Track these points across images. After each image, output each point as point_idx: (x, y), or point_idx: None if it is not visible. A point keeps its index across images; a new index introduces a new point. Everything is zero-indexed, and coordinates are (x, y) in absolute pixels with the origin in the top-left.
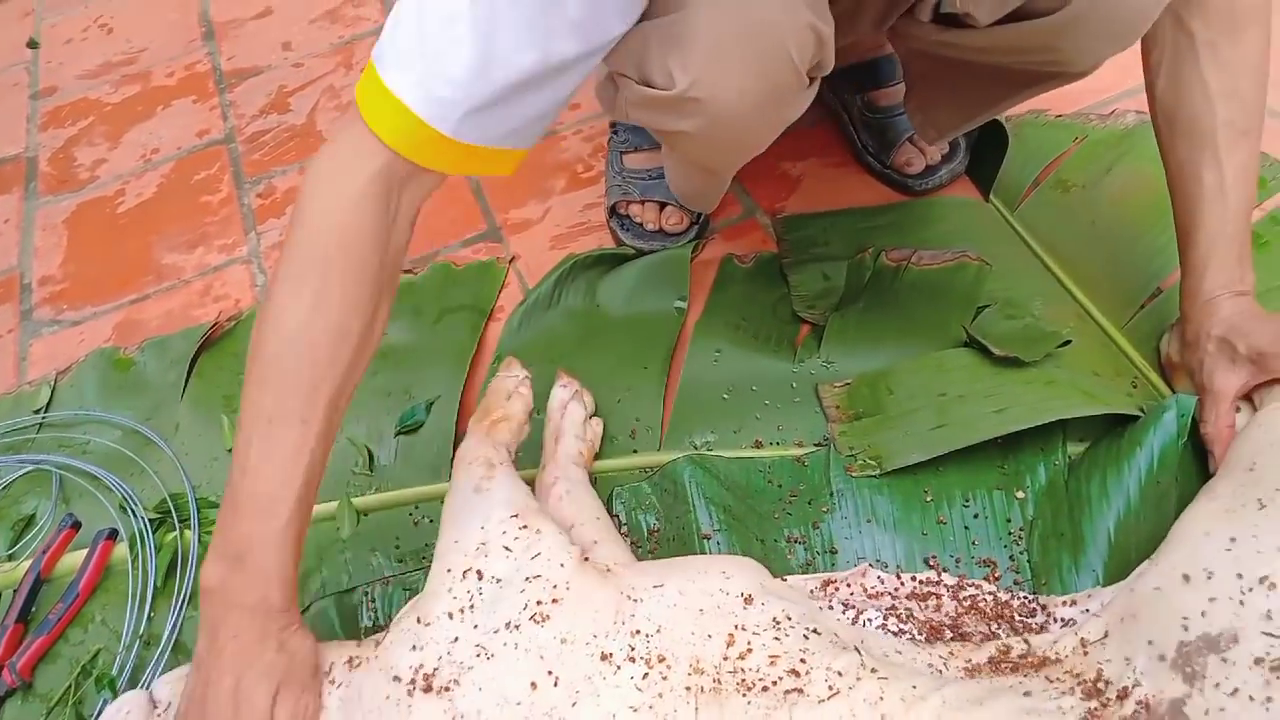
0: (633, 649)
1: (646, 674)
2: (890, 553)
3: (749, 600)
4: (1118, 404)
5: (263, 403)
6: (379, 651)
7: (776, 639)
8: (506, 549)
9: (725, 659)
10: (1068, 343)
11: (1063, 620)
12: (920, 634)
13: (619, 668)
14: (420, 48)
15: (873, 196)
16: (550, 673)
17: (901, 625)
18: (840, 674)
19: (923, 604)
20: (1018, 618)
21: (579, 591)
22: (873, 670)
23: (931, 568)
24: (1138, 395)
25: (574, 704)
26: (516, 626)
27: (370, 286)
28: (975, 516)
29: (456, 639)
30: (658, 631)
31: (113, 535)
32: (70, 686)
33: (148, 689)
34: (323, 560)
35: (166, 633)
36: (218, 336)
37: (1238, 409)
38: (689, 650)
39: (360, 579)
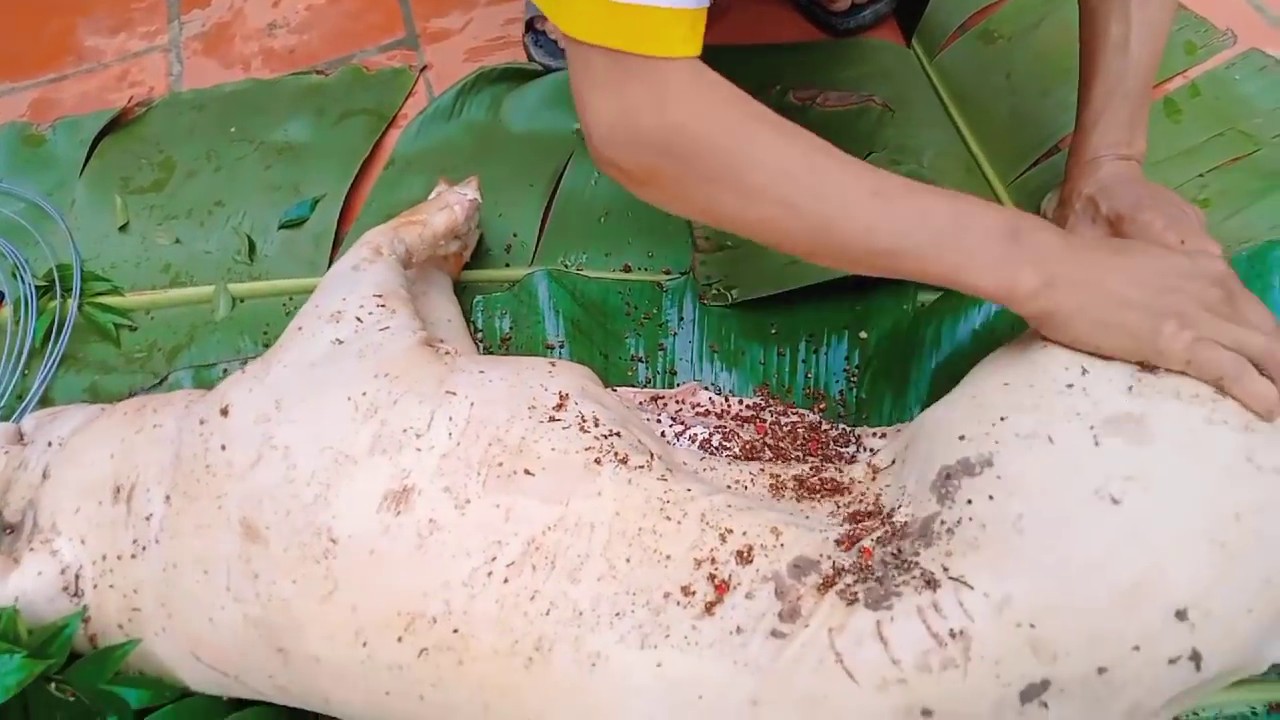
0: (450, 419)
1: (451, 434)
2: (726, 379)
3: (564, 397)
4: None
5: (859, 205)
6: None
7: (581, 433)
8: (358, 319)
9: (522, 444)
10: None
11: (870, 450)
12: (739, 453)
13: (430, 426)
14: None
15: (795, 33)
16: (376, 417)
17: (724, 444)
18: (630, 468)
19: (746, 425)
20: (832, 446)
21: (411, 363)
22: (661, 477)
23: (759, 395)
24: None
25: (384, 451)
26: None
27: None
28: (815, 352)
29: (292, 384)
30: (470, 406)
31: None
32: None
33: (17, 423)
34: (193, 338)
35: (35, 386)
36: (126, 120)
37: None
38: (491, 431)
39: (224, 358)
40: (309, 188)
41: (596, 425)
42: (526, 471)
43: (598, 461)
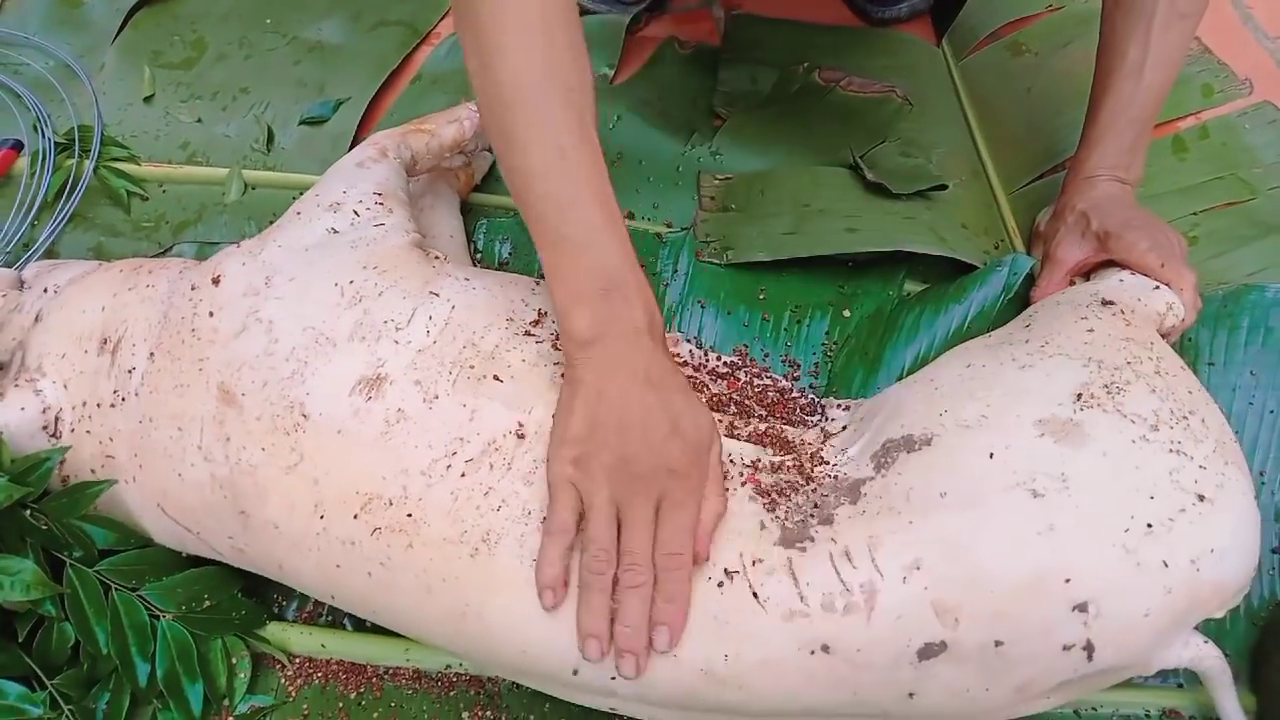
0: (430, 318)
1: (430, 332)
2: (710, 335)
3: (542, 315)
4: (963, 251)
5: (542, 140)
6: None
7: (553, 350)
8: (355, 213)
9: (495, 351)
10: (943, 187)
11: (831, 419)
12: (705, 403)
13: (410, 321)
14: None
15: (832, 15)
16: (359, 306)
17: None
18: None
19: (719, 381)
20: (798, 411)
21: (400, 260)
22: None
23: (737, 355)
24: (994, 256)
25: (363, 338)
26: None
27: (577, 26)
28: (798, 322)
29: (284, 263)
30: (451, 308)
31: (17, 146)
32: None
33: (19, 270)
34: (201, 217)
35: (43, 237)
36: None
37: (1073, 282)
38: (468, 335)
39: (228, 239)
40: (334, 89)
41: None
42: (495, 377)
43: (563, 371)
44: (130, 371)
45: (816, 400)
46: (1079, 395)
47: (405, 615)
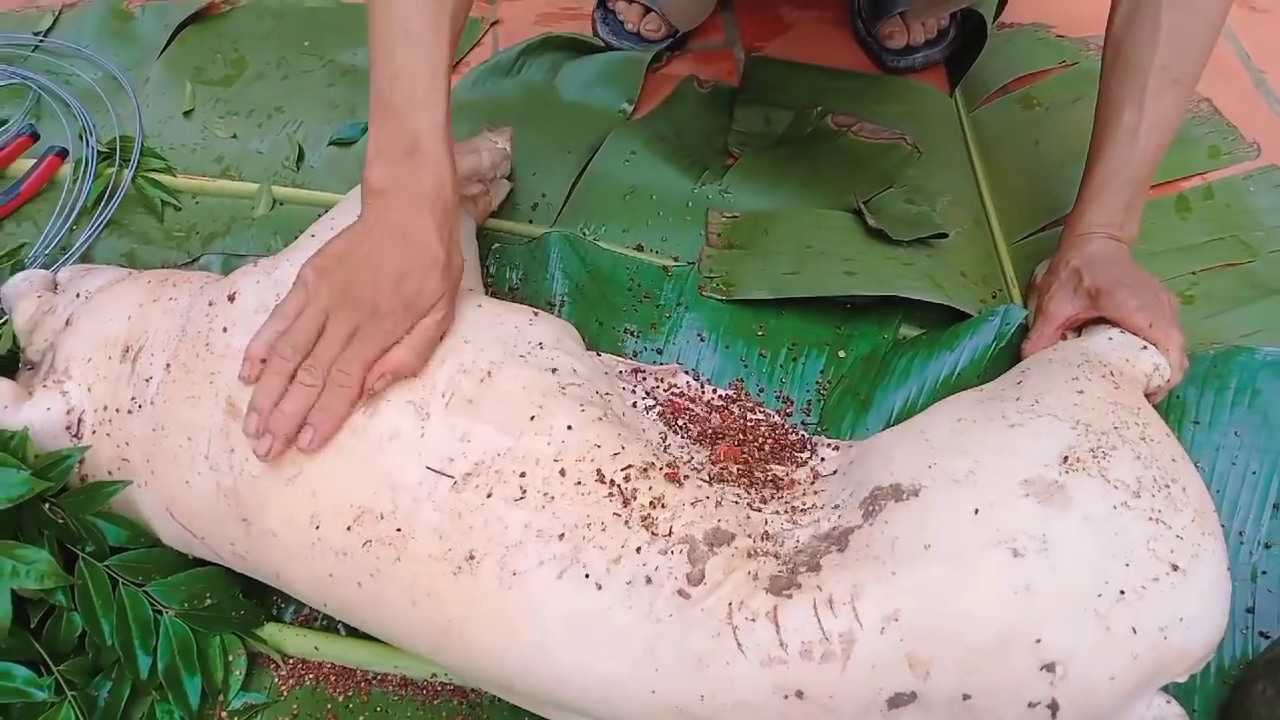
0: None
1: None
2: (708, 367)
3: (540, 345)
4: (959, 299)
5: (394, 17)
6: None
7: (547, 374)
8: None
9: (488, 375)
10: (943, 235)
11: (821, 459)
12: (698, 436)
13: None
14: None
15: (850, 61)
16: None
17: (689, 425)
18: (587, 417)
19: (714, 414)
20: (789, 450)
21: None
22: (617, 434)
23: (733, 388)
24: (991, 305)
25: None
26: None
27: None
28: (794, 360)
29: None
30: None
31: (62, 154)
32: None
33: (54, 272)
34: (230, 229)
35: (79, 243)
36: (210, 14)
37: (1064, 337)
38: (461, 358)
39: (254, 251)
40: (364, 112)
41: (562, 373)
42: (487, 400)
43: (556, 401)
44: (148, 380)
45: (808, 438)
46: (1065, 458)
47: (392, 626)
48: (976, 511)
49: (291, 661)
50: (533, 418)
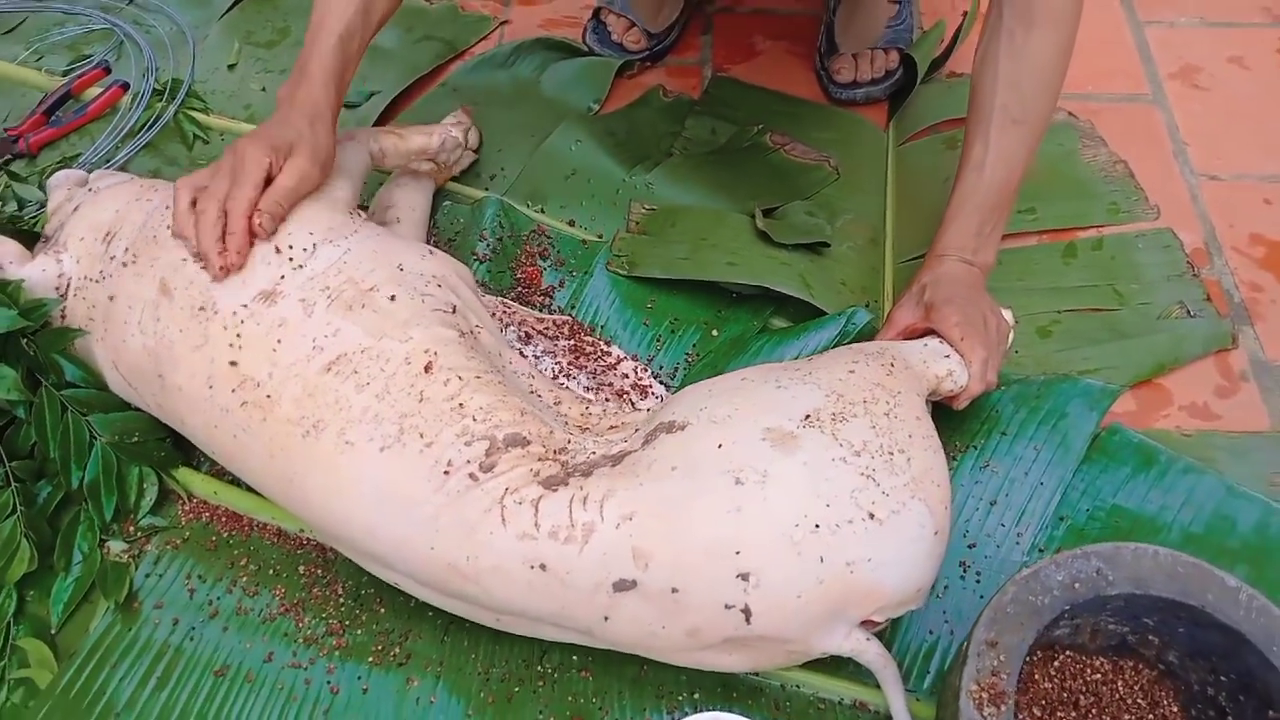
0: (327, 255)
1: (321, 264)
2: (600, 328)
3: (423, 276)
4: (822, 300)
5: None
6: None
7: (419, 297)
8: None
9: (370, 289)
10: (824, 244)
11: (650, 407)
12: (560, 371)
13: (311, 255)
14: None
15: (804, 90)
16: (276, 238)
17: (554, 361)
18: (444, 332)
19: (582, 356)
20: (634, 394)
21: (321, 208)
22: (469, 349)
23: (607, 344)
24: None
25: (268, 263)
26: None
27: None
28: (671, 332)
29: None
30: (346, 251)
31: (125, 86)
32: (45, 170)
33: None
34: None
35: (119, 157)
36: None
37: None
38: (351, 272)
39: None
40: (372, 82)
41: (435, 300)
42: (363, 307)
43: (420, 317)
44: (113, 259)
45: (655, 387)
46: (808, 416)
47: (254, 474)
48: (720, 446)
49: (195, 500)
50: (396, 327)
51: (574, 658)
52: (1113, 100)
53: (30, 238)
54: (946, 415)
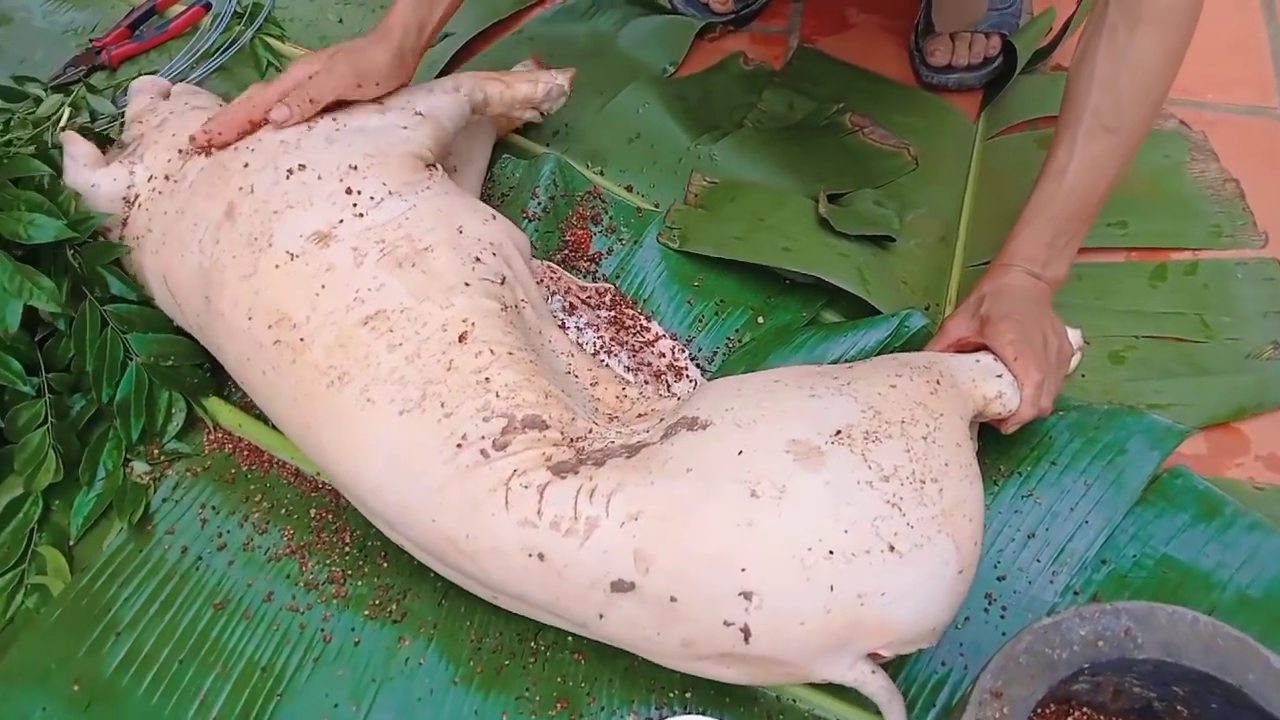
0: (391, 208)
1: (382, 217)
2: (644, 302)
3: (480, 241)
4: (877, 298)
5: None
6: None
7: (473, 262)
8: (393, 114)
9: (424, 249)
10: (890, 238)
11: (678, 396)
12: (601, 347)
13: (376, 204)
14: None
15: (894, 70)
16: (348, 180)
17: (596, 335)
18: (488, 304)
19: (622, 330)
20: (669, 375)
21: (398, 161)
22: (509, 323)
23: (647, 319)
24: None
25: (335, 203)
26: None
27: None
28: (715, 314)
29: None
30: (411, 207)
31: (206, 7)
32: (121, 85)
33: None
34: None
35: (195, 75)
36: None
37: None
38: (409, 229)
39: None
40: (450, 25)
41: (485, 268)
42: (413, 265)
43: (467, 285)
44: (185, 176)
45: (690, 370)
46: (839, 431)
47: (278, 414)
48: (740, 453)
49: (220, 431)
50: (441, 292)
51: (569, 639)
52: (1233, 111)
53: (101, 143)
54: (994, 436)
